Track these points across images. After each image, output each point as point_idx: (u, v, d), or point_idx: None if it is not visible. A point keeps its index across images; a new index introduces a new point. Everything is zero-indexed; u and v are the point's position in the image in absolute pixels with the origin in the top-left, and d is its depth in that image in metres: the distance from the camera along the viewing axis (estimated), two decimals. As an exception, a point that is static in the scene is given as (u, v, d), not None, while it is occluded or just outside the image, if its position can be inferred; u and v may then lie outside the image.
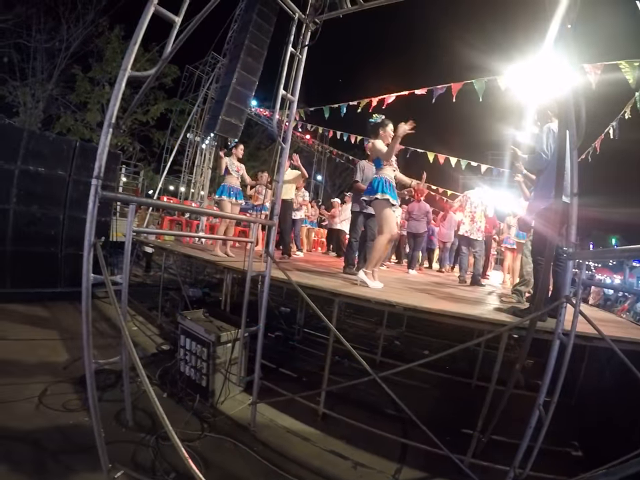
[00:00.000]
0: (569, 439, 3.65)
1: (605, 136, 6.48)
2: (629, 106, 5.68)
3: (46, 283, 6.21)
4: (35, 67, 14.01)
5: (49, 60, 14.20)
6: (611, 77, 4.72)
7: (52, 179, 6.35)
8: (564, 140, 2.40)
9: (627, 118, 5.83)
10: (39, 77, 14.05)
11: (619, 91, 4.82)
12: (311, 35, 3.57)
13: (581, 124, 2.39)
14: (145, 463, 2.69)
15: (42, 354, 4.27)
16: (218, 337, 3.81)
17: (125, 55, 2.18)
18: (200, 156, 15.38)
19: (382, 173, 4.20)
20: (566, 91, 2.38)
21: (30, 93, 13.91)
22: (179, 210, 11.30)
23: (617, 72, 4.58)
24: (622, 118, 6.05)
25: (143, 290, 8.10)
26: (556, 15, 2.53)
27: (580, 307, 2.28)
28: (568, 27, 2.55)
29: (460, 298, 4.30)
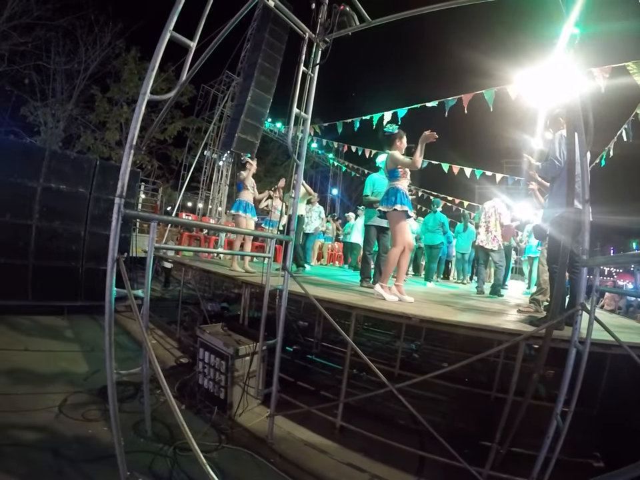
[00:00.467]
0: (590, 449, 3.56)
1: (618, 139, 6.39)
2: None
3: (66, 296, 6.38)
4: (55, 87, 14.60)
5: (68, 81, 14.80)
6: (620, 79, 4.70)
7: (73, 196, 6.59)
8: (573, 146, 2.41)
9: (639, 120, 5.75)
10: (59, 97, 14.62)
11: (629, 93, 4.77)
12: (322, 53, 3.65)
13: (590, 129, 2.40)
14: (163, 473, 2.73)
15: (62, 365, 4.39)
16: (236, 350, 3.86)
17: (141, 75, 2.29)
18: (217, 173, 15.66)
19: (398, 184, 4.22)
20: (574, 97, 2.39)
21: (50, 113, 14.46)
22: (197, 227, 11.53)
23: (626, 74, 4.55)
24: (634, 120, 5.97)
25: (161, 304, 8.24)
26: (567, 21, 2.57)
27: (596, 313, 2.26)
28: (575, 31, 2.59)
29: (477, 309, 4.27)
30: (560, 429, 2.30)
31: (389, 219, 4.28)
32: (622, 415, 3.73)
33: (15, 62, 13.58)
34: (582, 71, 2.51)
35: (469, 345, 6.78)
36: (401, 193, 4.16)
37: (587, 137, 2.32)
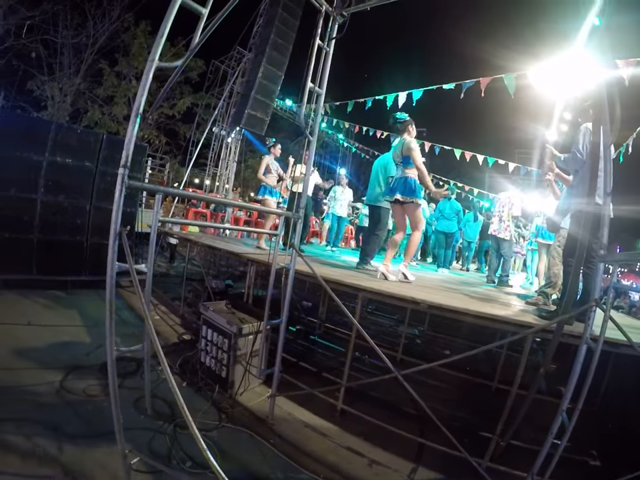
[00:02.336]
0: (587, 447, 3.53)
1: (638, 135, 6.20)
2: None
3: (71, 270, 6.37)
4: (63, 61, 14.39)
5: (75, 55, 14.57)
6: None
7: (79, 170, 6.51)
8: (598, 138, 2.30)
9: None
10: (67, 71, 14.43)
11: None
12: (338, 27, 3.52)
13: (616, 121, 2.29)
14: (161, 451, 2.74)
15: (65, 340, 4.40)
16: (240, 328, 3.85)
17: (151, 49, 2.19)
18: (225, 149, 15.51)
19: (412, 174, 4.29)
20: (599, 87, 2.27)
21: (58, 87, 14.30)
22: (205, 200, 11.46)
23: None
24: None
25: (166, 280, 8.26)
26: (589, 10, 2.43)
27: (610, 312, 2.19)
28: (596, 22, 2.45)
29: (486, 298, 4.21)
30: (565, 426, 2.25)
31: (406, 208, 4.36)
32: (621, 414, 3.70)
33: (21, 36, 13.35)
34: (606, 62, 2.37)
35: (472, 334, 6.77)
36: (418, 185, 4.28)
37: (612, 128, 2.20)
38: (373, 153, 16.39)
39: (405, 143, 4.33)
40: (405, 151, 4.30)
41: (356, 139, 17.91)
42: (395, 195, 4.29)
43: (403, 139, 4.43)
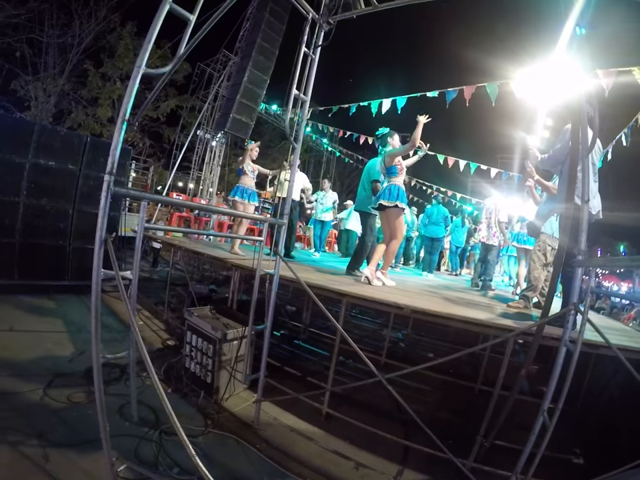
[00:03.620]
0: (570, 445, 3.62)
1: (617, 142, 6.40)
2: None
3: (53, 275, 6.26)
4: (47, 61, 14.13)
5: (60, 55, 14.32)
6: (624, 82, 4.66)
7: (62, 173, 6.41)
8: (577, 144, 2.38)
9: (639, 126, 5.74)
10: (51, 71, 14.16)
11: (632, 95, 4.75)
12: (324, 35, 3.57)
13: (595, 128, 2.38)
14: (148, 457, 2.71)
15: (48, 346, 4.32)
16: (224, 334, 3.84)
17: (137, 51, 2.19)
18: (210, 153, 15.41)
19: (397, 181, 4.40)
20: (579, 95, 2.36)
21: (42, 88, 14.03)
22: (189, 207, 11.37)
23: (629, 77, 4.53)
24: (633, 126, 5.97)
25: (149, 285, 8.16)
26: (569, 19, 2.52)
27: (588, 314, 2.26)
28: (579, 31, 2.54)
29: (469, 301, 4.28)
30: (546, 425, 2.32)
31: (389, 213, 4.42)
32: (602, 413, 3.80)
33: (7, 34, 13.07)
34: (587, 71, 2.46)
35: (455, 337, 6.87)
36: (402, 191, 4.36)
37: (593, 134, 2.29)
38: (357, 158, 16.47)
39: (386, 155, 4.46)
40: (387, 162, 4.43)
41: (340, 143, 18.00)
42: (379, 200, 4.41)
43: (384, 151, 4.56)
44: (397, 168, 4.40)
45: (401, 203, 4.30)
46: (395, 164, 4.40)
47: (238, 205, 5.84)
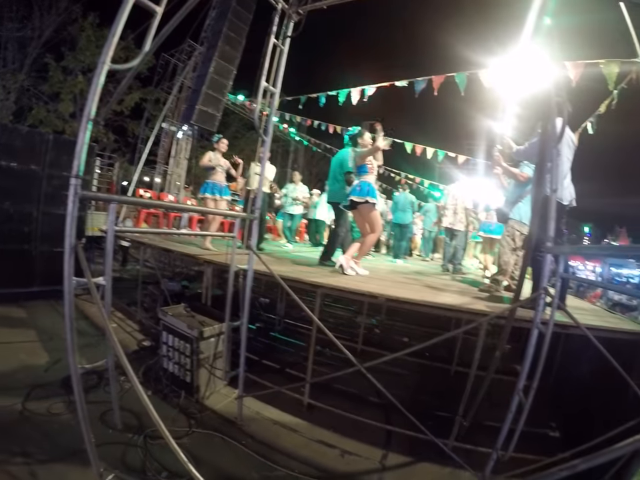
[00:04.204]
0: (546, 420, 3.81)
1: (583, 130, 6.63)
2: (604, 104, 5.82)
3: (21, 282, 5.99)
4: (6, 56, 13.40)
5: (20, 49, 13.59)
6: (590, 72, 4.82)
7: (25, 174, 6.09)
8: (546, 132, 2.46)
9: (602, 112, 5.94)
10: (10, 67, 13.43)
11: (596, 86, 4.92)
12: (294, 25, 3.51)
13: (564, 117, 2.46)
14: (135, 464, 2.69)
15: (21, 357, 4.16)
16: (201, 332, 3.80)
17: (99, 42, 2.11)
18: (176, 146, 15.04)
19: (368, 178, 4.46)
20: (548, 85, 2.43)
21: (0, 84, 13.28)
22: (160, 207, 11.07)
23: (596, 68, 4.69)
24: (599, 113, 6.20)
25: (120, 285, 7.92)
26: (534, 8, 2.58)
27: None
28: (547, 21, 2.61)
29: (441, 287, 4.39)
30: (522, 403, 2.43)
31: (361, 209, 4.46)
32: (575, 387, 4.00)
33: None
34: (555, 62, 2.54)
35: (428, 320, 7.03)
36: (372, 187, 4.43)
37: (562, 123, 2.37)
38: (325, 147, 16.43)
39: (356, 155, 4.57)
40: (358, 161, 4.53)
41: (308, 132, 17.88)
42: (350, 196, 4.47)
43: (355, 150, 4.67)
44: (367, 167, 4.48)
45: (371, 198, 4.35)
46: (365, 163, 4.48)
47: (209, 201, 5.74)
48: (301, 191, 8.76)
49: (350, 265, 4.37)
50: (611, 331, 2.72)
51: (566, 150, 3.27)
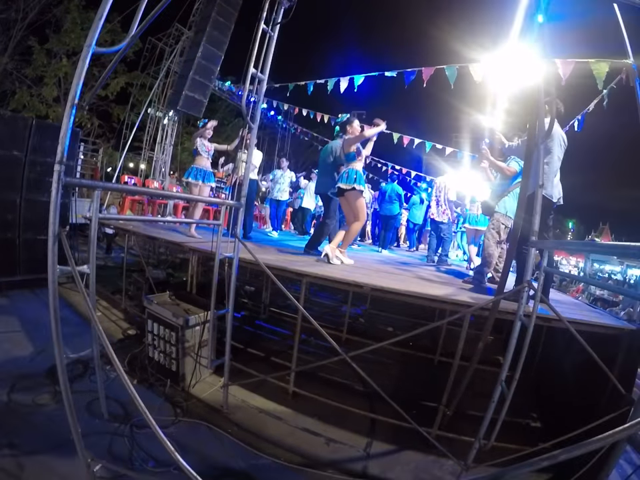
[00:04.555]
0: (528, 410, 3.91)
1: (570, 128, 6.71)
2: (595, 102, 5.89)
3: (3, 271, 5.81)
4: None
5: (3, 32, 13.03)
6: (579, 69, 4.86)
7: (6, 161, 5.87)
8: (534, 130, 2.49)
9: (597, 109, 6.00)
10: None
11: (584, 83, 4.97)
12: (284, 12, 3.45)
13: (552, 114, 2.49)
14: (122, 453, 2.69)
15: (5, 347, 4.08)
16: (186, 320, 3.78)
17: (85, 25, 2.05)
18: (161, 132, 14.77)
19: (355, 166, 4.48)
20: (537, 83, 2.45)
21: None
22: (146, 194, 10.90)
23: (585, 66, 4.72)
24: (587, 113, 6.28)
25: (104, 273, 7.83)
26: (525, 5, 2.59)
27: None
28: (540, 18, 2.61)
29: (426, 278, 4.44)
30: (505, 393, 2.48)
31: (348, 196, 4.47)
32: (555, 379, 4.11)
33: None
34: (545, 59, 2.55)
35: (412, 310, 7.12)
36: (359, 174, 4.44)
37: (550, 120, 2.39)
38: (311, 135, 16.34)
39: (345, 142, 4.57)
40: (346, 148, 4.53)
41: (296, 120, 17.75)
42: (338, 183, 4.50)
43: (343, 138, 4.67)
44: (354, 154, 4.49)
45: (358, 185, 4.36)
46: (352, 151, 4.48)
47: (192, 186, 5.69)
48: (288, 176, 8.72)
49: (335, 255, 4.39)
50: (592, 325, 2.78)
51: (557, 149, 3.33)
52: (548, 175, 3.26)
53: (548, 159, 3.25)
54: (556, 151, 3.32)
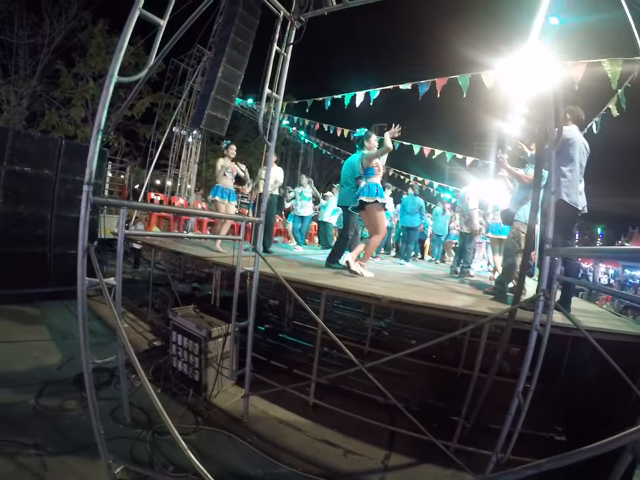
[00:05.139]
0: (553, 424, 3.80)
1: (588, 131, 6.60)
2: (612, 103, 5.80)
3: (35, 283, 6.15)
4: (18, 63, 13.62)
5: (31, 56, 13.77)
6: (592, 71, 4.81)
7: (38, 179, 6.28)
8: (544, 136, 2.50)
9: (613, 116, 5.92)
10: (22, 73, 13.67)
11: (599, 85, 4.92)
12: (296, 32, 3.59)
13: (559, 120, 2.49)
14: (143, 458, 2.78)
15: (35, 355, 4.28)
16: (209, 332, 3.89)
17: (109, 49, 2.21)
18: (186, 150, 15.21)
19: (375, 180, 4.53)
20: (547, 88, 2.46)
21: (13, 91, 13.56)
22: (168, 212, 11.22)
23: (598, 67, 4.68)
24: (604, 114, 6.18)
25: (132, 286, 8.10)
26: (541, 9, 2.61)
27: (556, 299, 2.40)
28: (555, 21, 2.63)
29: (446, 289, 4.42)
30: (521, 405, 2.45)
31: (369, 209, 4.54)
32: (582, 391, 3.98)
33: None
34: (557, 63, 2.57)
35: (437, 323, 7.04)
36: (380, 188, 4.51)
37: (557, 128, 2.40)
38: (334, 150, 16.51)
39: (363, 157, 4.61)
40: (365, 163, 4.58)
41: (317, 135, 17.98)
42: (359, 197, 4.54)
43: (362, 153, 4.70)
44: (374, 170, 4.55)
45: (380, 198, 4.43)
46: (372, 166, 4.54)
47: (219, 204, 5.90)
48: (309, 192, 8.84)
49: (357, 265, 4.45)
50: (612, 333, 2.72)
51: (579, 156, 3.29)
52: (572, 182, 3.22)
53: (570, 167, 3.22)
54: (577, 158, 3.28)
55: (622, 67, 4.53)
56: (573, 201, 3.21)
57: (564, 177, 3.22)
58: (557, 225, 2.79)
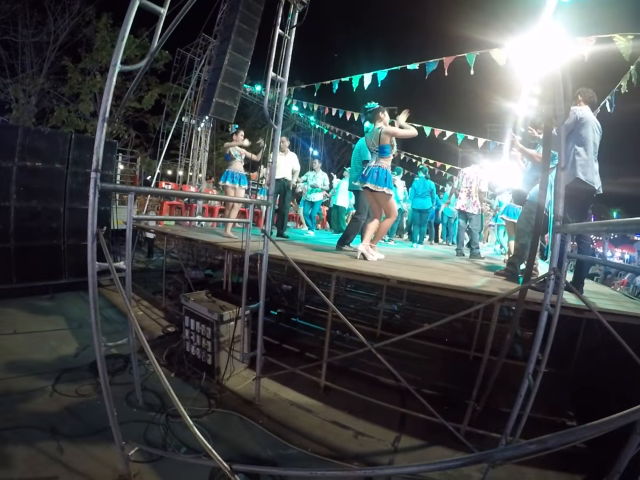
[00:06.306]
0: (564, 408, 3.78)
1: (602, 109, 6.41)
2: (625, 80, 5.61)
3: (51, 275, 6.29)
4: (24, 61, 13.76)
5: (37, 54, 13.91)
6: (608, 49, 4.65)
7: (50, 173, 6.36)
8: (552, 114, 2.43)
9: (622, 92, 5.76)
10: (29, 71, 13.81)
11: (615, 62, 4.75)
12: (299, 15, 3.53)
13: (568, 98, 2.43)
14: (157, 440, 2.85)
15: (52, 344, 4.40)
16: (221, 315, 3.94)
17: (114, 42, 2.22)
18: (196, 139, 15.25)
19: (385, 164, 4.29)
20: (555, 66, 2.39)
21: (21, 89, 13.71)
22: (176, 196, 11.31)
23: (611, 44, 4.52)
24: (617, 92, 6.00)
25: (146, 275, 8.23)
26: None
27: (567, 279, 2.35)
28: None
29: (458, 270, 4.38)
30: (531, 387, 2.43)
31: (378, 197, 4.35)
32: (594, 375, 3.94)
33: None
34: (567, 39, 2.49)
35: (450, 306, 7.01)
36: (389, 175, 4.29)
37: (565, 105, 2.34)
38: (344, 134, 16.36)
39: (379, 132, 4.28)
40: (381, 140, 4.26)
41: (327, 120, 17.81)
42: (366, 182, 4.30)
43: (377, 127, 4.36)
44: (390, 148, 4.29)
45: (388, 189, 4.23)
46: (389, 143, 4.28)
47: (229, 189, 5.93)
48: (320, 177, 8.82)
49: (370, 252, 4.36)
50: (625, 315, 2.66)
51: (592, 135, 3.23)
52: (587, 161, 3.16)
53: (585, 146, 3.17)
54: (591, 137, 3.23)
55: (634, 41, 4.36)
56: (590, 179, 3.15)
57: (579, 155, 3.16)
58: (572, 205, 2.73)
